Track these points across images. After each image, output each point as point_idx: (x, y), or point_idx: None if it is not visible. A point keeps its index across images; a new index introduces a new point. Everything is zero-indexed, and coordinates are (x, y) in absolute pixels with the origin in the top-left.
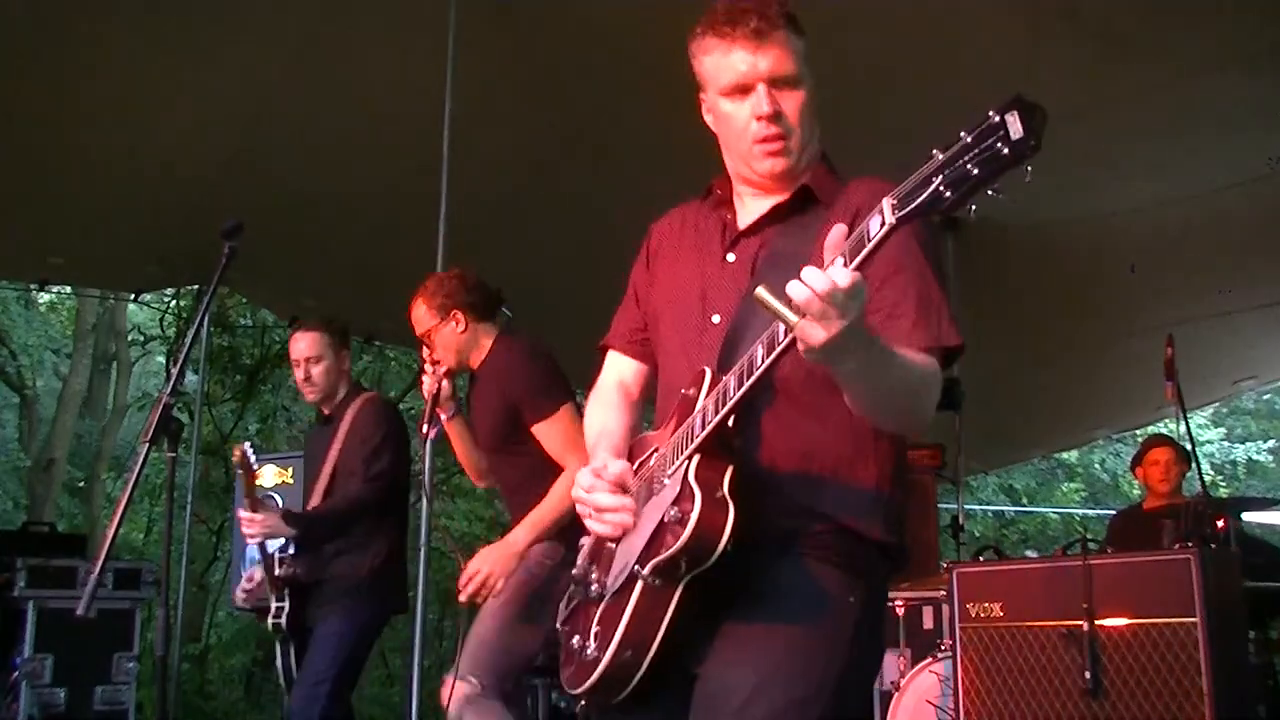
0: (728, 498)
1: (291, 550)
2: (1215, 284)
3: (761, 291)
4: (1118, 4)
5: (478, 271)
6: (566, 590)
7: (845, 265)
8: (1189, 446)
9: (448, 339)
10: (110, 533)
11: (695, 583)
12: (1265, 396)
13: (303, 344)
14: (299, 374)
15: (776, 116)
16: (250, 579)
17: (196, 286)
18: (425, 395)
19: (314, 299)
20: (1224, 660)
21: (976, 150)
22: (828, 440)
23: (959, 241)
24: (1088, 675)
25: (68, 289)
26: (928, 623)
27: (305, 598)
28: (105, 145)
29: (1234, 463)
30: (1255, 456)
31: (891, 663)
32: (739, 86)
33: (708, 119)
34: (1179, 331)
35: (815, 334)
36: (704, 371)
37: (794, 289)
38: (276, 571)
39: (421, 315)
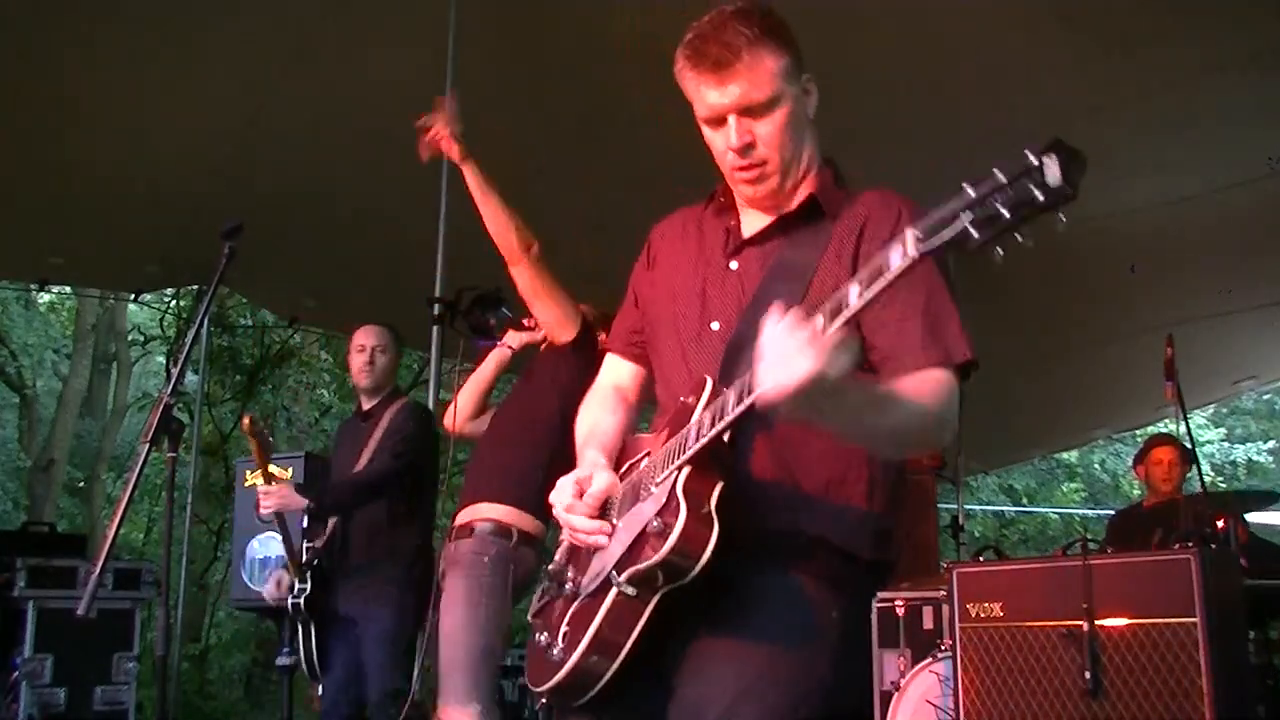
0: (713, 514)
1: (305, 522)
2: (1215, 284)
3: None
4: (1117, 5)
5: (478, 272)
6: (515, 575)
7: (823, 328)
8: (1189, 446)
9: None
10: (110, 533)
11: (672, 593)
12: (1265, 396)
13: (373, 333)
14: (363, 358)
15: (747, 149)
16: (279, 582)
17: (196, 286)
18: (527, 324)
19: (314, 299)
20: (1224, 660)
21: (1009, 191)
22: (818, 459)
23: None
24: (1088, 675)
25: (68, 289)
26: (928, 623)
27: (332, 586)
28: (105, 145)
29: (1234, 463)
30: (1255, 457)
31: (891, 663)
32: (711, 119)
33: None
34: (1179, 331)
35: (775, 375)
36: (705, 380)
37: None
38: (302, 558)
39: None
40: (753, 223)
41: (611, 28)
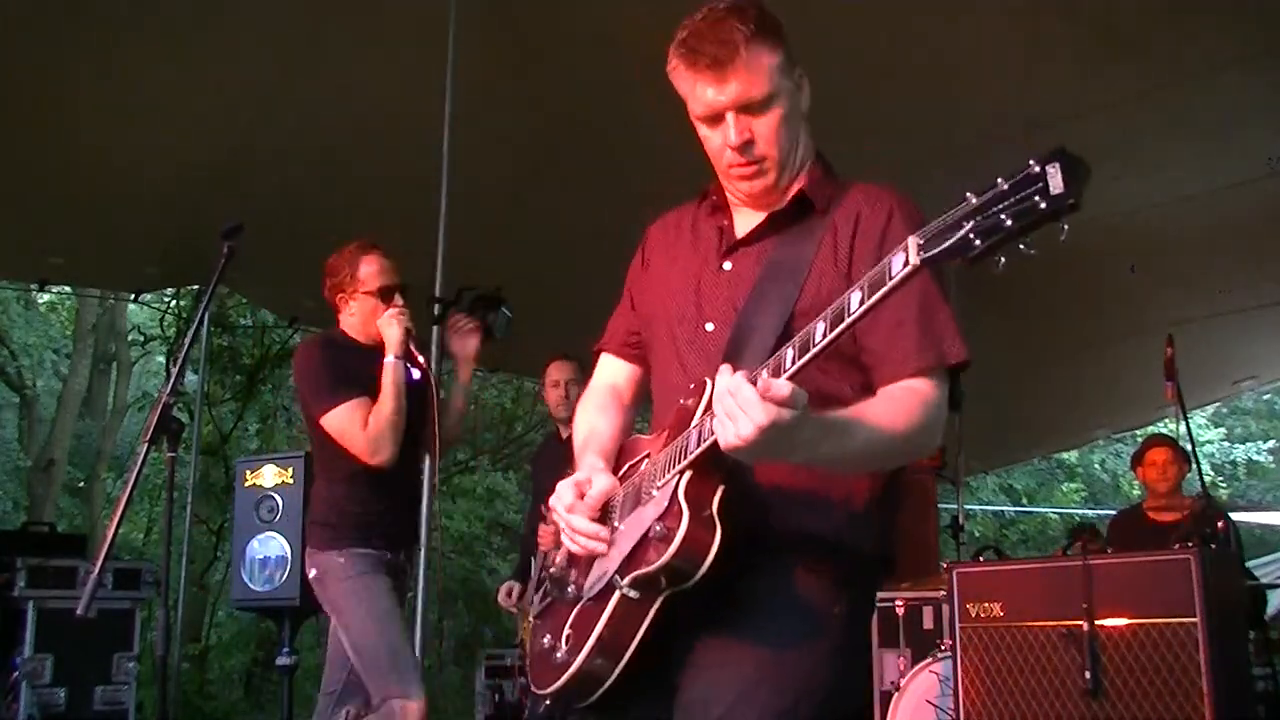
0: (715, 518)
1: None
2: (1215, 284)
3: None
4: (1118, 5)
5: (478, 271)
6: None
7: (776, 373)
8: (1189, 446)
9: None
10: (110, 533)
11: (675, 595)
12: (1265, 396)
13: (568, 368)
14: (559, 393)
15: (746, 146)
16: (510, 592)
17: (196, 286)
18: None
19: (314, 299)
20: (1224, 660)
21: (1012, 199)
22: None
23: None
24: (1088, 675)
25: (68, 289)
26: (928, 623)
27: None
28: (105, 145)
29: (1234, 463)
30: (1255, 456)
31: (891, 663)
32: (708, 117)
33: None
34: (1179, 331)
35: (724, 432)
36: (704, 382)
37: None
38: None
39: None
40: (745, 221)
41: (611, 28)
